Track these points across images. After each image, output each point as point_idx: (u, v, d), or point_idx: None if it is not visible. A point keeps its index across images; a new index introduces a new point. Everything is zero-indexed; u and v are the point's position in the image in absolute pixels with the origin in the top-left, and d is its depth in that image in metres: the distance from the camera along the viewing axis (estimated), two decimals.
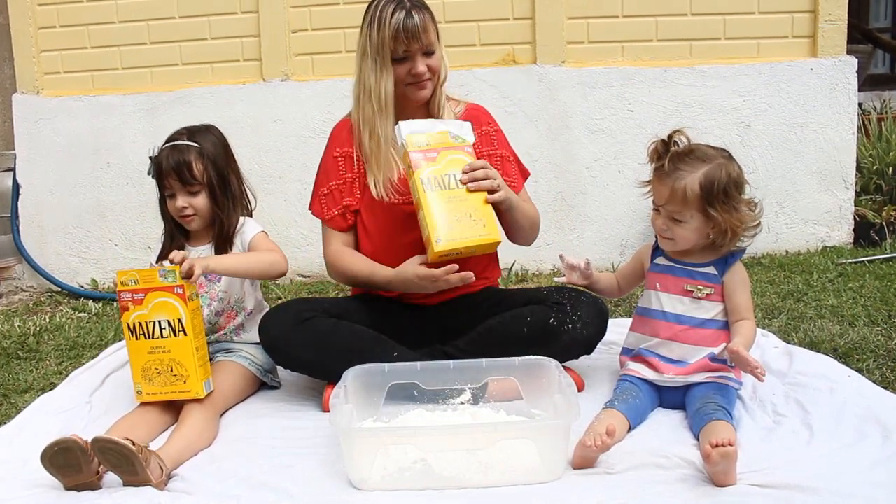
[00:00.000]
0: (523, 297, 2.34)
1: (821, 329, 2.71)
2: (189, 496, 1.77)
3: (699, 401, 1.98)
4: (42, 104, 4.06)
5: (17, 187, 4.10)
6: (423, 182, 2.08)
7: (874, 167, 4.15)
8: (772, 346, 2.53)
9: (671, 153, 2.03)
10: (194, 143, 2.28)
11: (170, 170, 2.24)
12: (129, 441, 1.75)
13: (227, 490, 1.78)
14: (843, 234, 3.86)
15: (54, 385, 2.55)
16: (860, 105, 4.47)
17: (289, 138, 3.93)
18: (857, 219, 3.87)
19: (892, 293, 3.06)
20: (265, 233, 2.39)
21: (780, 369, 2.31)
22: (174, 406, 2.12)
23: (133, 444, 1.75)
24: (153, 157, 2.28)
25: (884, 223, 3.83)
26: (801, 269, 3.46)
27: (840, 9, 3.72)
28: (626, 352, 2.22)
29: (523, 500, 1.69)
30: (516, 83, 3.81)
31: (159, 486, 1.79)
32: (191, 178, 2.25)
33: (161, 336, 2.05)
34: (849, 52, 3.80)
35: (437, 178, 2.10)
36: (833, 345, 2.57)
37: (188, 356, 2.05)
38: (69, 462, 1.76)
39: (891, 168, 4.11)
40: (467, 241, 2.07)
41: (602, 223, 3.88)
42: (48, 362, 2.85)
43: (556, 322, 2.19)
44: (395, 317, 2.34)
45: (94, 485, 1.80)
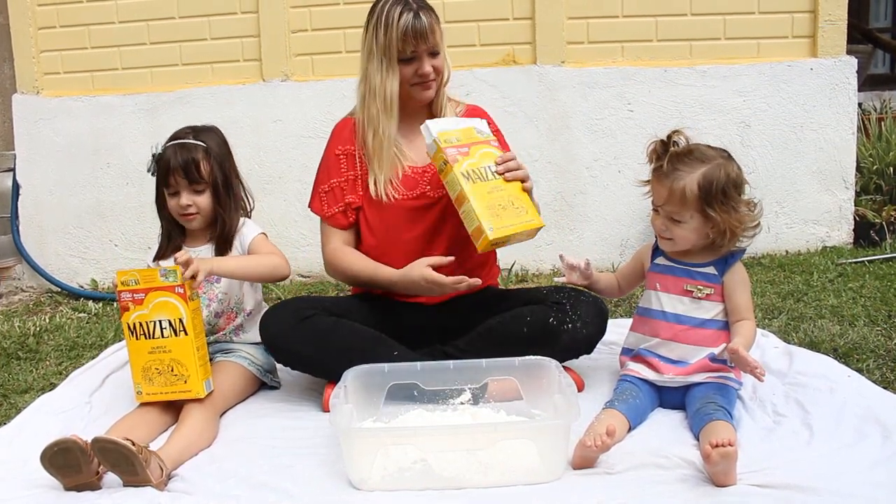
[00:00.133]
0: (523, 297, 2.34)
1: (821, 329, 2.71)
2: (189, 496, 1.77)
3: (699, 401, 1.98)
4: (42, 104, 4.06)
5: (16, 187, 4.10)
6: (464, 176, 2.11)
7: (874, 167, 4.14)
8: (772, 346, 2.52)
9: (670, 153, 2.03)
10: (201, 143, 2.28)
11: (178, 167, 2.24)
12: (129, 441, 1.75)
13: (227, 490, 1.78)
14: (843, 234, 3.86)
15: (54, 385, 2.55)
16: (860, 105, 4.46)
17: (289, 138, 3.93)
18: (857, 219, 3.86)
19: (892, 293, 3.06)
20: (265, 234, 2.39)
21: (780, 369, 2.31)
22: (174, 406, 2.12)
23: (133, 444, 1.75)
24: (157, 155, 2.28)
25: (884, 223, 3.83)
26: (801, 269, 3.46)
27: (840, 9, 3.71)
28: (626, 352, 2.22)
29: (523, 500, 1.69)
30: (516, 83, 3.81)
31: (159, 487, 1.79)
32: (198, 176, 2.25)
33: (161, 336, 2.05)
34: (849, 52, 3.80)
35: (475, 171, 2.14)
36: (833, 345, 2.57)
37: (189, 356, 2.05)
38: (69, 462, 1.76)
39: (891, 168, 4.11)
40: (515, 227, 2.12)
41: (602, 223, 3.87)
42: (48, 363, 2.85)
43: (555, 321, 2.19)
44: (395, 316, 2.34)
45: (94, 485, 1.80)
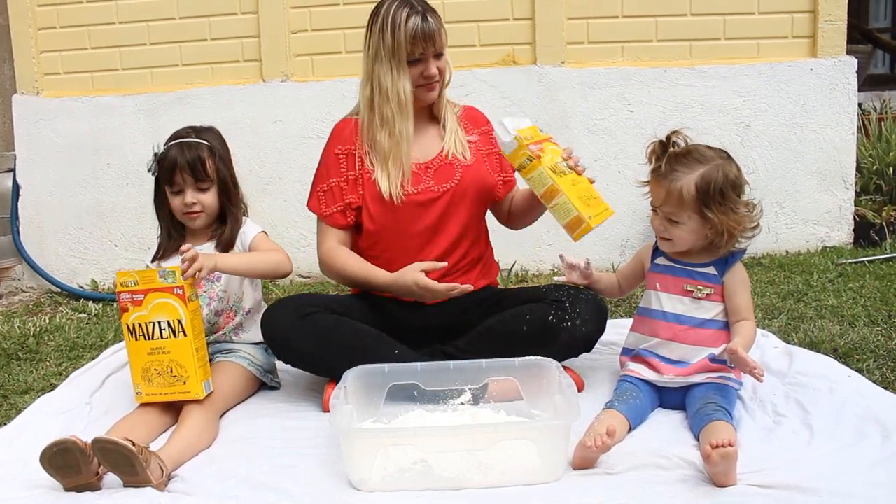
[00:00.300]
0: (522, 296, 2.34)
1: (821, 329, 2.71)
2: (189, 497, 1.77)
3: (699, 401, 1.98)
4: (42, 105, 4.07)
5: (17, 188, 4.10)
6: (551, 171, 2.14)
7: (874, 167, 4.14)
8: (772, 346, 2.52)
9: (668, 154, 2.03)
10: (205, 141, 2.29)
11: (184, 165, 2.24)
12: (129, 442, 1.75)
13: (227, 491, 1.78)
14: (843, 235, 3.86)
15: (54, 386, 2.55)
16: (860, 105, 4.46)
17: (288, 139, 3.93)
18: (857, 219, 3.87)
19: (892, 293, 3.06)
20: (265, 233, 2.39)
21: (780, 369, 2.31)
22: (174, 407, 2.11)
23: (133, 444, 1.75)
24: (160, 153, 2.28)
25: (884, 223, 3.83)
26: (801, 270, 3.46)
27: (840, 9, 3.72)
28: (626, 352, 2.22)
29: (523, 500, 1.69)
30: (516, 83, 3.81)
31: (159, 487, 1.79)
32: (204, 174, 2.26)
33: (161, 337, 2.05)
34: (849, 52, 3.80)
35: (556, 167, 2.16)
36: (833, 345, 2.57)
37: (188, 357, 2.05)
38: (68, 463, 1.76)
39: (891, 168, 4.11)
40: (602, 216, 2.18)
41: (602, 223, 3.87)
42: (48, 363, 2.85)
43: (554, 319, 2.19)
44: (395, 316, 2.34)
45: (94, 486, 1.80)
